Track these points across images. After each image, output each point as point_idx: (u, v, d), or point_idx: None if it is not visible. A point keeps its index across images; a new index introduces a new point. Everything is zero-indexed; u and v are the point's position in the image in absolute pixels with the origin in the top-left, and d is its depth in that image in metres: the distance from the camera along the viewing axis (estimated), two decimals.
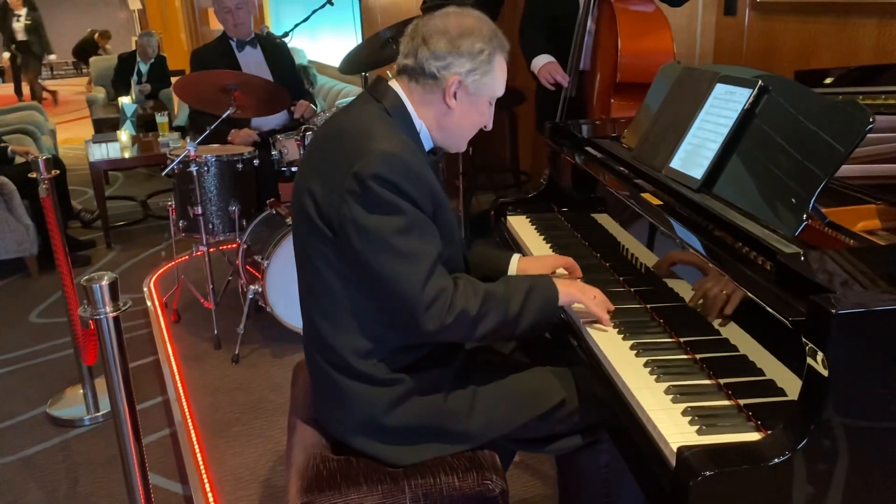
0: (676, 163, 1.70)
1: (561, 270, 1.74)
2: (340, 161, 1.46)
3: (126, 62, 7.60)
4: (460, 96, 1.54)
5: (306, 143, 3.30)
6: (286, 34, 3.99)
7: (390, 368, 1.52)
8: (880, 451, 1.10)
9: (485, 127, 1.62)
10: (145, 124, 6.39)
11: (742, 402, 1.24)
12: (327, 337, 1.53)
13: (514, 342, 1.80)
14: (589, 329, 1.55)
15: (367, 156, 1.42)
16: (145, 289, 4.10)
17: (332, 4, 4.07)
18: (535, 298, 1.52)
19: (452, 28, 1.50)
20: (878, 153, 1.74)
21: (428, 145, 1.60)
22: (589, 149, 2.14)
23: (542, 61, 3.16)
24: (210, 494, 2.37)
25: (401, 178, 1.41)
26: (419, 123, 1.57)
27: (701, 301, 1.46)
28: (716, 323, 1.41)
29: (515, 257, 1.75)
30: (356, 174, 1.41)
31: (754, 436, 1.16)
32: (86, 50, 12.01)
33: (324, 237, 1.49)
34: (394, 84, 1.57)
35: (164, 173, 3.34)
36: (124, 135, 5.33)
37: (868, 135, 1.29)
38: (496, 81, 1.56)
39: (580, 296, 1.57)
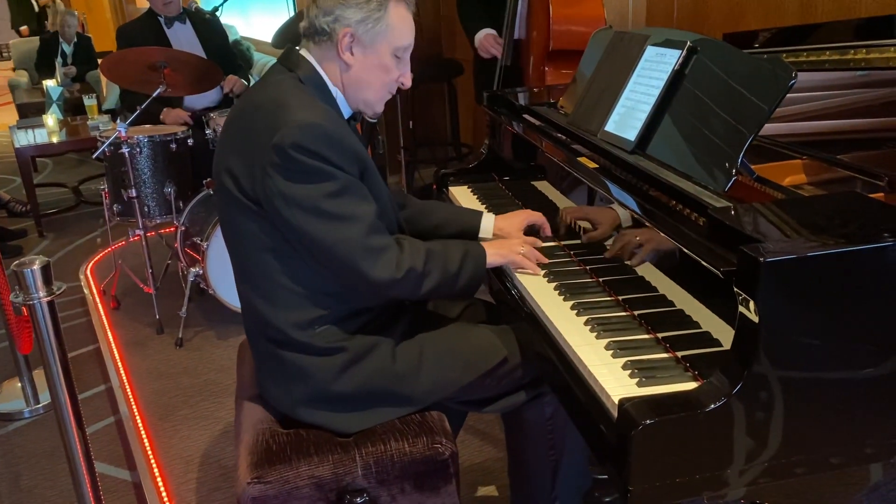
0: (611, 126, 1.73)
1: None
2: (258, 136, 1.44)
3: (48, 44, 7.30)
4: (356, 50, 1.50)
5: None
6: (216, 9, 3.89)
7: (334, 337, 1.52)
8: (811, 394, 1.14)
9: (402, 84, 1.58)
10: (73, 108, 6.16)
11: (680, 354, 1.28)
12: (265, 314, 1.52)
13: (463, 304, 1.82)
14: (531, 292, 1.57)
15: (285, 127, 1.40)
16: (82, 276, 3.99)
17: None
18: (469, 260, 1.57)
19: None
20: (804, 111, 1.80)
21: (347, 112, 1.58)
22: (527, 116, 2.16)
23: (482, 34, 3.22)
24: (159, 479, 2.34)
25: (321, 145, 1.40)
26: (334, 90, 1.55)
27: (620, 247, 1.52)
28: (632, 263, 1.48)
29: (490, 217, 1.79)
30: (276, 146, 1.39)
31: (692, 385, 1.19)
32: None
33: (251, 214, 1.47)
34: (304, 52, 1.54)
35: (94, 156, 3.24)
36: (51, 119, 5.13)
37: (794, 93, 1.33)
38: (393, 30, 1.50)
39: (511, 256, 1.63)
